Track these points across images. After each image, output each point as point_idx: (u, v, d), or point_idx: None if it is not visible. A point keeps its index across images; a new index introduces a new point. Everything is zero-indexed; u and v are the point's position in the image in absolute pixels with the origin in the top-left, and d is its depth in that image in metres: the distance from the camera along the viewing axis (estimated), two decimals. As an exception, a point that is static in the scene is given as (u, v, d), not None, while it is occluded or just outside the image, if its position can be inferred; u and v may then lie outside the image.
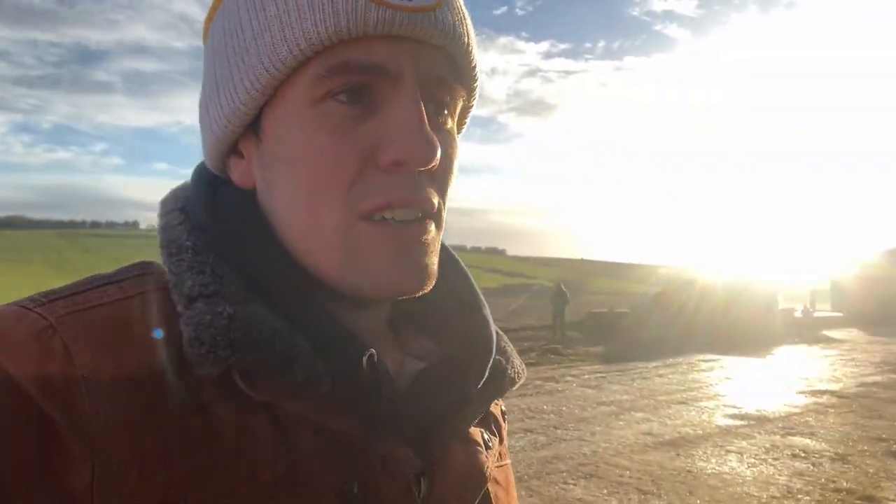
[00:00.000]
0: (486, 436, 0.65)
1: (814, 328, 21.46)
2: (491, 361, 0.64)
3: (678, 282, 21.03)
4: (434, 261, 0.58)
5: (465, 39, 0.57)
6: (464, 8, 0.59)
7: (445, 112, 0.58)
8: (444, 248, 0.69)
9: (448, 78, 0.57)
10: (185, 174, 0.69)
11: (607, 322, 19.62)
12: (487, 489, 0.63)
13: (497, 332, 0.69)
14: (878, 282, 28.63)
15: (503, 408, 0.75)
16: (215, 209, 0.59)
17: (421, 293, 0.57)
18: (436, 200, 0.56)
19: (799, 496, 5.14)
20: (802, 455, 6.34)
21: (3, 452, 0.43)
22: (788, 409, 8.66)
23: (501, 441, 0.71)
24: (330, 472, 0.51)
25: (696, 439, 6.89)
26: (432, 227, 0.57)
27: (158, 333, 0.50)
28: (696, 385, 10.51)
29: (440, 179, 0.57)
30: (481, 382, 0.63)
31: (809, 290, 31.09)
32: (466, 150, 0.84)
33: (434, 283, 0.58)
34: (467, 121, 0.67)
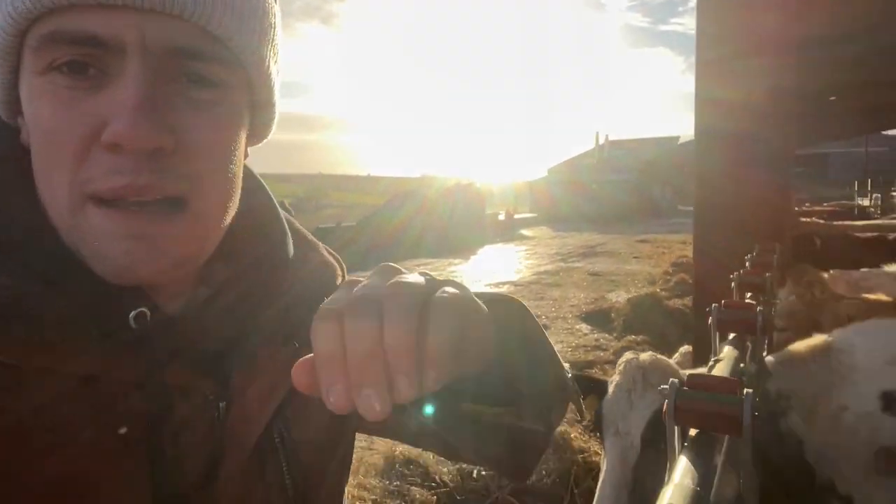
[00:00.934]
0: (293, 353, 0.65)
1: (513, 229, 24.82)
2: (290, 283, 0.66)
3: (408, 192, 22.43)
4: (185, 248, 0.55)
5: (214, 6, 0.52)
6: None
7: (207, 85, 0.54)
8: (252, 177, 0.69)
9: (200, 48, 0.52)
10: None
11: (335, 236, 20.28)
12: (288, 404, 0.65)
13: (304, 252, 0.71)
14: (563, 185, 33.98)
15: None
16: None
17: (167, 278, 0.55)
18: (181, 184, 0.52)
19: (464, 370, 6.28)
20: (474, 337, 7.65)
21: None
22: (475, 300, 10.18)
23: None
24: (110, 417, 0.52)
25: (393, 335, 7.83)
26: (181, 210, 0.53)
27: None
28: (406, 288, 11.66)
29: (194, 159, 0.53)
30: (278, 303, 0.64)
31: (512, 194, 35.69)
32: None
33: (188, 268, 0.57)
34: (274, 84, 0.62)
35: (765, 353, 1.79)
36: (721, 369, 0.70)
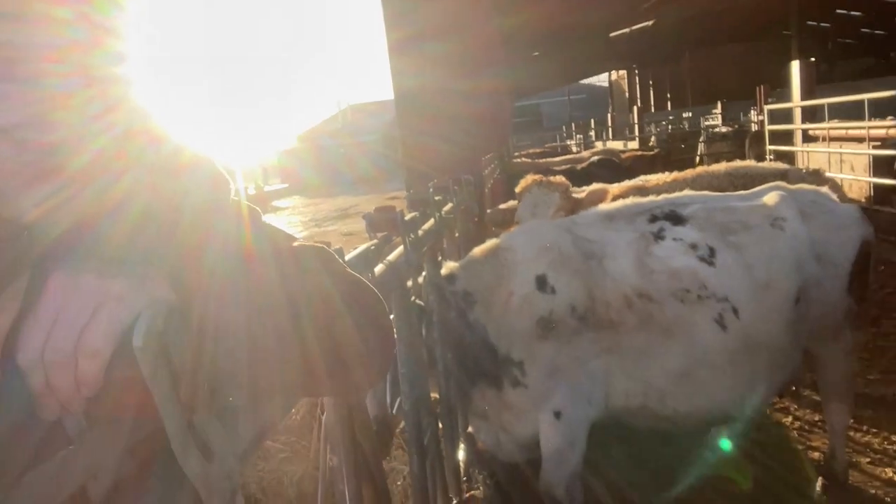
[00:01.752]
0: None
1: (265, 202, 24.16)
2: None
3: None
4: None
5: None
6: None
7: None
8: None
9: None
10: None
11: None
12: None
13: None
14: (312, 153, 33.86)
15: None
16: None
17: None
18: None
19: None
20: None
21: None
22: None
23: None
24: None
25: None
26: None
27: None
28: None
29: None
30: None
31: (260, 167, 34.57)
32: None
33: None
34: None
35: (440, 257, 2.14)
36: (377, 244, 0.93)
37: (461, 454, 2.29)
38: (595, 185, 3.61)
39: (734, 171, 3.62)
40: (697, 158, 11.72)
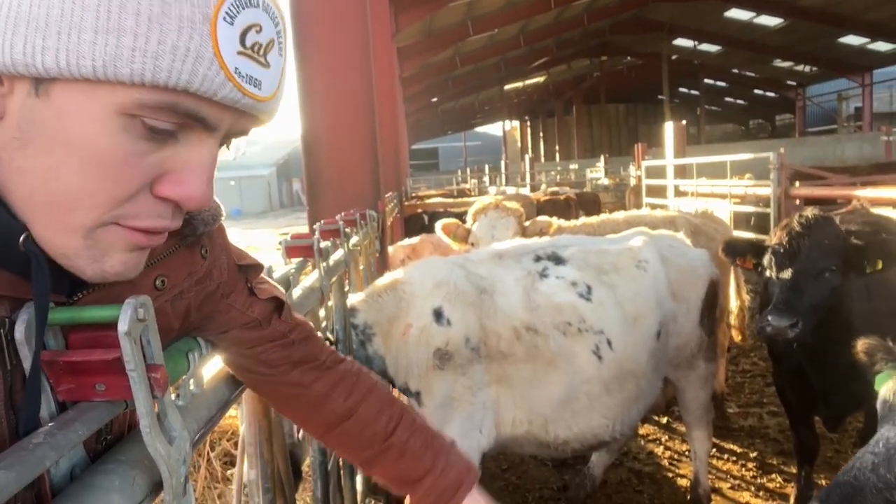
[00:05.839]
0: (158, 281, 0.72)
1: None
2: None
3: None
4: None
5: (278, 109, 0.66)
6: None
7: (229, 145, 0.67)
8: None
9: (250, 130, 0.66)
10: None
11: None
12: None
13: None
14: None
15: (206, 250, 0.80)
16: None
17: None
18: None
19: None
20: None
21: None
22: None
23: (201, 279, 0.79)
24: None
25: None
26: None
27: None
28: None
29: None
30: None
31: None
32: None
33: None
34: None
35: (348, 287, 2.25)
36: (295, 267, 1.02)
37: (359, 480, 2.37)
38: (541, 218, 3.94)
39: (632, 219, 4.02)
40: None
